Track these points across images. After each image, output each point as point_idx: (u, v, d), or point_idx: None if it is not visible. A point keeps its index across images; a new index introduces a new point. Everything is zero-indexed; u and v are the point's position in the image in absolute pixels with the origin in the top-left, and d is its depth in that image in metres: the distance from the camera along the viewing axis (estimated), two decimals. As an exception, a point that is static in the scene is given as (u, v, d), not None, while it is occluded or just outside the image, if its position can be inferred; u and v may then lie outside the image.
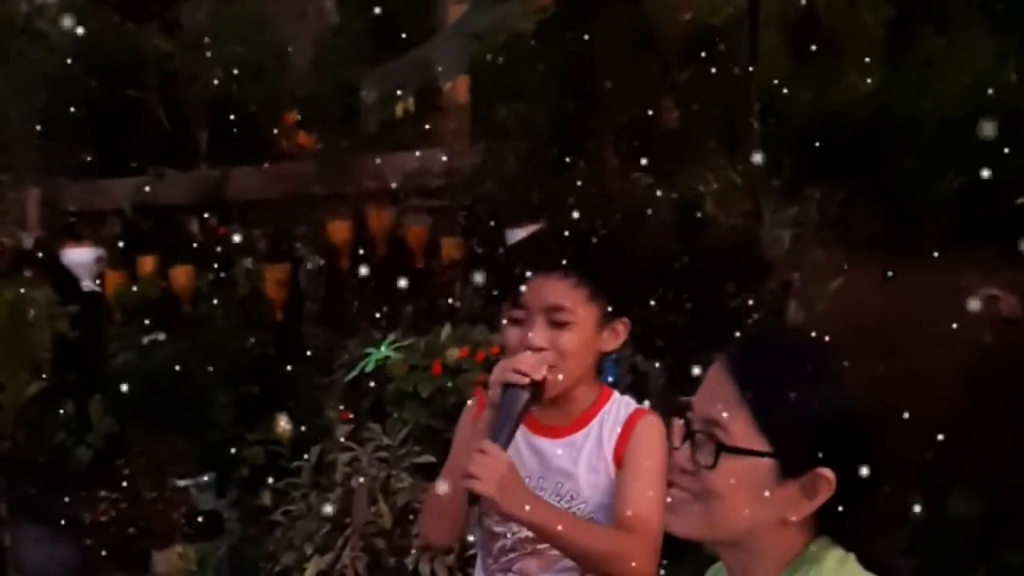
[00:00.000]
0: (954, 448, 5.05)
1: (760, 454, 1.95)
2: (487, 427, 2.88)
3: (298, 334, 8.25)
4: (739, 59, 6.37)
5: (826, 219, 6.10)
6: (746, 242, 6.14)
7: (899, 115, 6.41)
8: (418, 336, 6.82)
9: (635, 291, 3.29)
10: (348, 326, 7.76)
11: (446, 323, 6.84)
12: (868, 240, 5.92)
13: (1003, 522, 5.08)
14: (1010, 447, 5.01)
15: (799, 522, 1.99)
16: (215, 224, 8.88)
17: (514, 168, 7.27)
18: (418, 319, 7.36)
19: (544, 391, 2.89)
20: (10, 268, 8.85)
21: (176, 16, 9.33)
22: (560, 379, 2.92)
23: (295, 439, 7.35)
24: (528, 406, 2.87)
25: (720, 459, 1.96)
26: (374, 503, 5.94)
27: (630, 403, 3.08)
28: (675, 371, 6.20)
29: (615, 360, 6.02)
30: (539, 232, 3.25)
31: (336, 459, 6.17)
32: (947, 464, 5.15)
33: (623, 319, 3.01)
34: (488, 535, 3.08)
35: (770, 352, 2.04)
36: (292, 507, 6.31)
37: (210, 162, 9.13)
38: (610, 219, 6.28)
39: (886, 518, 2.07)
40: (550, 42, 6.96)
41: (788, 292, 5.93)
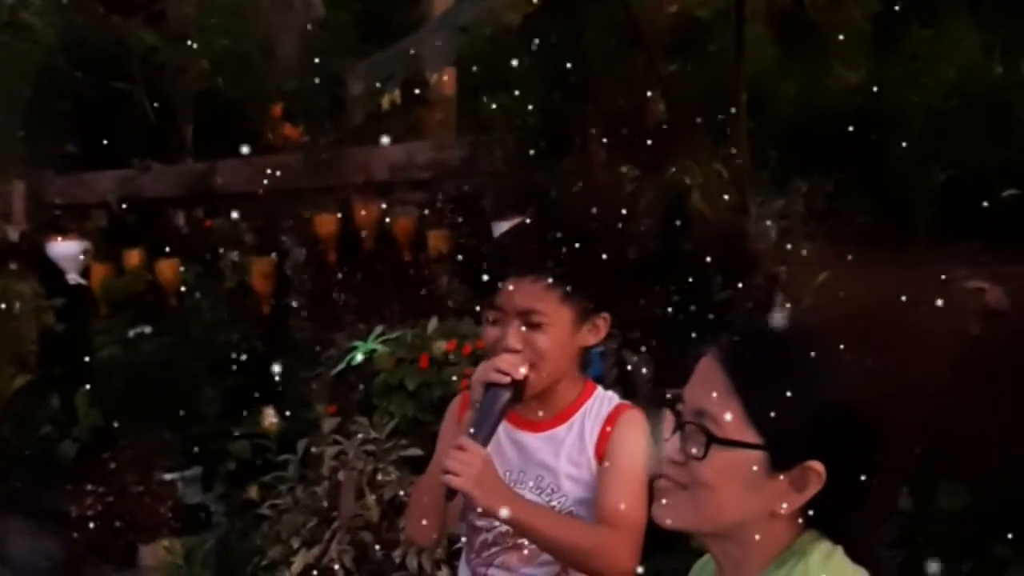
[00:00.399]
0: (942, 441, 5.06)
1: (751, 446, 1.95)
2: (468, 425, 2.88)
3: (285, 327, 8.24)
4: (725, 52, 6.37)
5: (813, 212, 6.11)
6: (733, 235, 6.14)
7: (886, 108, 6.42)
8: (405, 329, 6.81)
9: (614, 288, 3.27)
10: (335, 319, 7.75)
11: (433, 316, 6.83)
12: (855, 233, 5.93)
13: (991, 515, 5.09)
14: (998, 439, 5.02)
15: (788, 515, 1.99)
16: (201, 217, 8.87)
17: (501, 160, 7.27)
18: (405, 312, 7.35)
19: (525, 390, 2.90)
20: (-5, 261, 8.84)
21: (162, 9, 9.32)
22: (540, 378, 2.93)
23: (282, 432, 7.34)
24: (509, 405, 2.88)
25: (711, 451, 1.96)
26: (361, 496, 5.93)
27: (613, 398, 3.08)
28: (661, 364, 6.20)
29: (601, 353, 6.02)
30: (512, 233, 3.22)
31: (323, 452, 6.16)
32: (935, 457, 5.16)
33: (603, 314, 3.01)
34: (470, 530, 3.08)
35: (762, 345, 2.03)
36: (279, 501, 6.30)
37: (196, 155, 9.12)
38: (592, 214, 6.27)
39: (874, 511, 2.07)
40: (537, 35, 6.95)
41: (775, 285, 5.93)
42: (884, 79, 6.50)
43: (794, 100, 6.57)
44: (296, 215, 8.24)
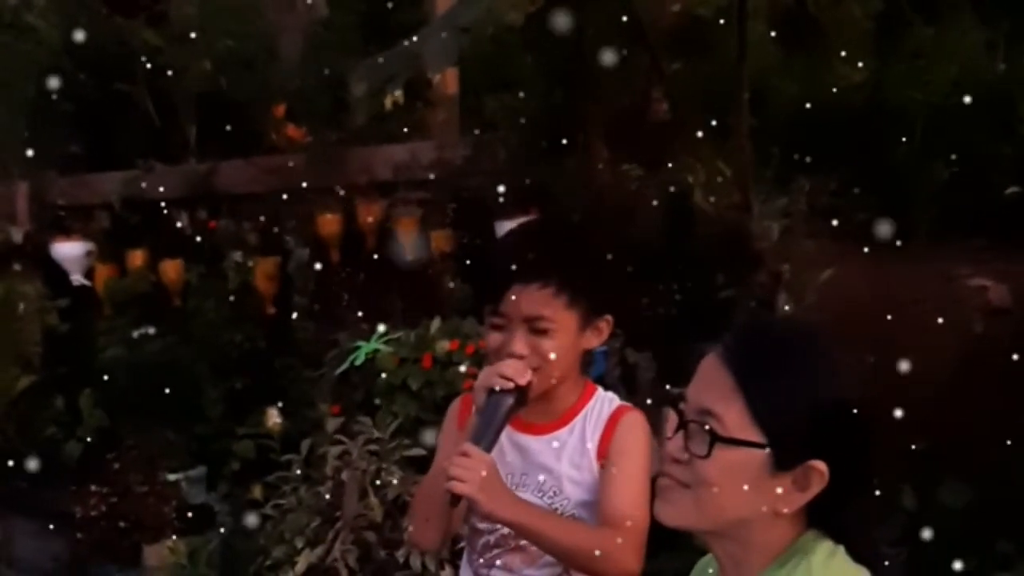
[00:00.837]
0: (945, 439, 5.06)
1: (754, 445, 1.95)
2: (471, 431, 2.88)
3: (288, 327, 8.24)
4: (728, 50, 6.37)
5: (816, 210, 6.11)
6: (736, 233, 6.14)
7: (888, 106, 6.42)
8: (408, 329, 6.81)
9: (618, 290, 3.26)
10: (338, 319, 7.75)
11: (436, 316, 6.83)
12: (857, 231, 5.93)
13: (995, 512, 5.09)
14: (1001, 437, 5.02)
15: (790, 514, 1.99)
16: (204, 218, 8.87)
17: (504, 160, 7.27)
18: (408, 312, 7.35)
19: (529, 396, 2.90)
20: (-1, 262, 8.85)
21: (164, 9, 9.32)
22: (543, 382, 2.92)
23: (285, 432, 7.34)
24: (513, 411, 2.87)
25: (714, 449, 1.96)
26: (364, 496, 5.93)
27: (613, 399, 3.07)
28: (665, 363, 6.20)
29: (604, 353, 6.02)
30: (515, 237, 3.20)
31: (326, 452, 6.16)
32: (938, 455, 5.16)
33: (606, 317, 3.00)
34: (472, 531, 3.08)
35: (766, 343, 2.03)
36: (282, 501, 6.30)
37: (199, 156, 9.11)
38: (595, 216, 6.26)
39: (877, 510, 2.07)
40: (539, 34, 6.95)
41: (778, 283, 5.93)
42: (886, 77, 6.51)
43: (797, 98, 6.57)
44: (299, 215, 8.23)
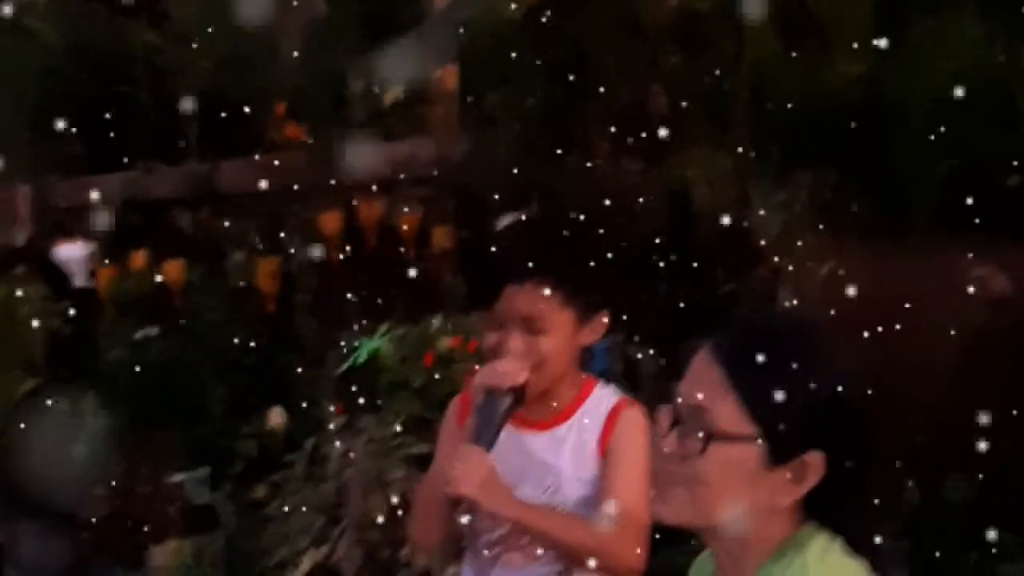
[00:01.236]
0: (947, 431, 5.05)
1: (749, 439, 1.95)
2: (471, 431, 2.88)
3: (290, 326, 8.23)
4: (726, 45, 6.36)
5: (816, 204, 6.10)
6: (736, 228, 6.13)
7: (888, 99, 6.41)
8: (410, 326, 6.81)
9: (616, 286, 3.26)
10: (340, 317, 7.74)
11: (438, 312, 6.83)
12: (858, 224, 5.92)
13: (996, 506, 5.09)
14: (1003, 429, 5.01)
15: (787, 508, 1.98)
16: (206, 217, 8.87)
17: (504, 156, 7.26)
18: (409, 309, 7.34)
19: (526, 394, 2.89)
20: (1, 265, 8.84)
21: (164, 9, 9.32)
22: (541, 381, 2.92)
23: (289, 432, 7.34)
24: (511, 410, 2.88)
25: (709, 446, 1.96)
26: (368, 495, 5.94)
27: (613, 394, 3.07)
28: (666, 357, 6.20)
29: (606, 348, 6.02)
30: (512, 235, 3.21)
31: (330, 451, 6.16)
32: (940, 448, 5.16)
33: (603, 313, 3.00)
34: (473, 530, 3.07)
35: (757, 337, 2.02)
36: (287, 500, 6.31)
37: (200, 155, 9.11)
38: (593, 212, 6.26)
39: (875, 503, 2.07)
40: (538, 30, 6.95)
41: (778, 277, 5.92)
42: (886, 70, 6.49)
43: (796, 92, 6.56)
44: (300, 214, 8.23)
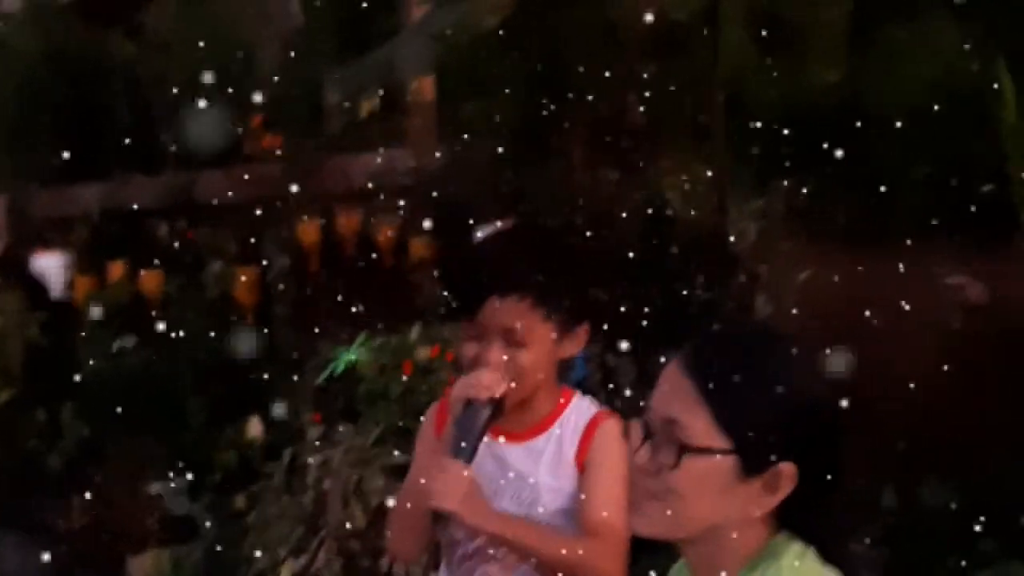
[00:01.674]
0: (925, 438, 5.06)
1: (722, 452, 1.95)
2: (449, 442, 2.87)
3: (268, 336, 8.22)
4: (703, 53, 6.37)
5: (793, 211, 6.11)
6: (713, 236, 6.14)
7: (865, 106, 6.42)
8: (388, 336, 6.80)
9: (595, 298, 3.26)
10: (318, 327, 7.74)
11: (416, 322, 6.82)
12: (835, 231, 5.93)
13: (976, 512, 5.10)
14: (981, 435, 5.02)
15: (761, 517, 1.99)
16: (184, 228, 8.86)
17: (481, 166, 7.26)
18: (387, 319, 7.34)
19: (505, 406, 2.89)
20: (-22, 276, 8.83)
21: (141, 20, 9.30)
22: (520, 393, 2.92)
23: (267, 442, 7.34)
24: (490, 422, 2.87)
25: (682, 459, 1.96)
26: (347, 505, 5.93)
27: (591, 406, 3.06)
28: (646, 367, 6.20)
29: (584, 357, 6.01)
30: (491, 247, 3.20)
31: (309, 461, 6.16)
32: (919, 454, 5.17)
33: (584, 324, 3.00)
34: (450, 542, 3.06)
35: (728, 349, 2.03)
36: (266, 510, 6.30)
37: (177, 165, 9.09)
38: (573, 223, 6.26)
39: (851, 511, 2.08)
40: (515, 40, 6.95)
41: (756, 285, 5.93)
42: (863, 77, 6.50)
43: (773, 99, 6.57)
44: (278, 224, 8.23)
